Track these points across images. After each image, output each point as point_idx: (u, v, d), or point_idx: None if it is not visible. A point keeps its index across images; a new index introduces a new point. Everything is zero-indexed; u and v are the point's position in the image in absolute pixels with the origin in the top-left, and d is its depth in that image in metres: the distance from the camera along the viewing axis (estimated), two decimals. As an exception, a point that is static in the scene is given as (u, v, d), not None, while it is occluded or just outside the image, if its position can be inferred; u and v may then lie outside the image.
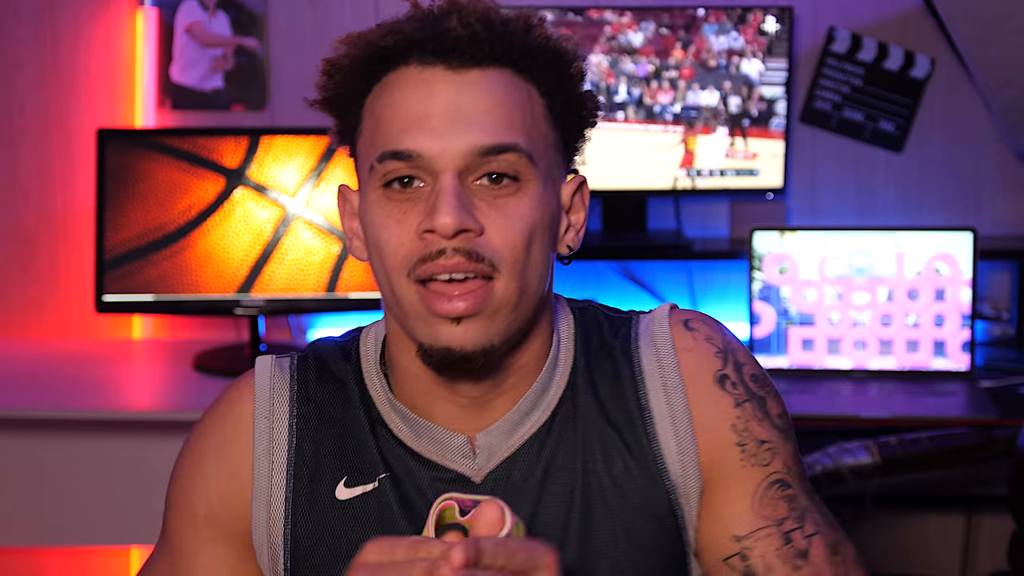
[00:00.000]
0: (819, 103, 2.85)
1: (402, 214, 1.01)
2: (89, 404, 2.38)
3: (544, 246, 1.04)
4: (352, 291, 2.60)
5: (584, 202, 1.11)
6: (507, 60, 1.02)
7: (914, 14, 2.81)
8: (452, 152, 1.00)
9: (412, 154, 1.00)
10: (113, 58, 2.84)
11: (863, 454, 2.25)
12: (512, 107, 1.02)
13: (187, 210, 2.59)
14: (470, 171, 1.01)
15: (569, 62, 1.06)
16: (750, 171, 2.76)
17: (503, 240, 1.00)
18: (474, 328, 1.00)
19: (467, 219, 0.98)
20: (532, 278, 1.03)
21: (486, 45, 1.01)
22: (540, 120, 1.04)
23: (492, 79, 1.02)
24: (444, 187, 0.99)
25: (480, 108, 1.00)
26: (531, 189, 1.02)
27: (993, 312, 2.82)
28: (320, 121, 1.16)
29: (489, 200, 1.01)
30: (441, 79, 1.01)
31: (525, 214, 1.01)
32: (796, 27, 2.78)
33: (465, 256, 0.99)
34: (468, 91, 1.01)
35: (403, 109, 1.02)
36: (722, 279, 2.85)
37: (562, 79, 1.06)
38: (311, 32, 2.85)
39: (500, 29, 1.02)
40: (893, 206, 2.88)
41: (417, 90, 1.02)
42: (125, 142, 2.61)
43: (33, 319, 2.88)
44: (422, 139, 1.00)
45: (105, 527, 2.48)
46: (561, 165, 1.08)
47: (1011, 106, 2.64)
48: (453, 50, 1.01)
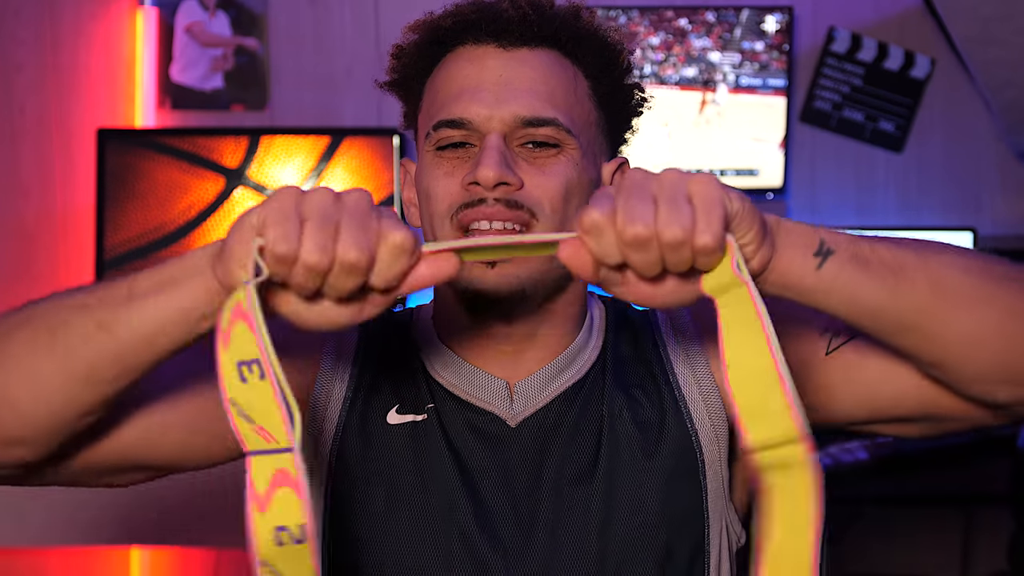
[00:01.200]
0: (819, 103, 2.85)
1: (451, 168, 1.10)
2: (89, 404, 2.37)
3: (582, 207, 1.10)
4: (352, 291, 2.60)
5: None
6: (555, 42, 1.11)
7: (914, 14, 2.81)
8: (498, 118, 1.08)
9: (463, 121, 1.09)
10: (113, 58, 2.84)
11: (863, 454, 2.25)
12: (556, 84, 1.10)
13: (187, 210, 2.59)
14: (514, 136, 1.09)
15: (615, 50, 1.14)
16: (750, 171, 2.76)
17: (542, 192, 1.08)
18: (507, 272, 1.07)
19: (507, 173, 1.06)
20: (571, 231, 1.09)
21: (535, 26, 1.10)
22: (584, 99, 1.12)
23: (540, 57, 1.10)
24: (488, 144, 1.07)
25: (526, 82, 1.09)
26: (570, 154, 1.10)
27: (993, 312, 2.82)
28: (320, 121, 1.18)
29: (530, 160, 1.09)
30: (493, 55, 1.10)
31: (563, 171, 1.09)
32: (796, 27, 2.78)
33: (505, 205, 1.07)
34: (516, 67, 1.10)
35: (457, 82, 1.11)
36: (722, 279, 2.85)
37: (608, 65, 1.14)
38: (311, 32, 2.85)
39: (550, 13, 1.11)
40: (893, 206, 2.88)
41: (470, 64, 1.11)
42: (125, 142, 2.61)
43: (33, 319, 2.88)
44: (473, 107, 1.08)
45: (105, 527, 2.48)
46: (604, 145, 1.16)
47: (1011, 106, 2.65)
48: (505, 30, 1.10)
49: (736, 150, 2.77)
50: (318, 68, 2.84)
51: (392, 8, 2.82)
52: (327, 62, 2.84)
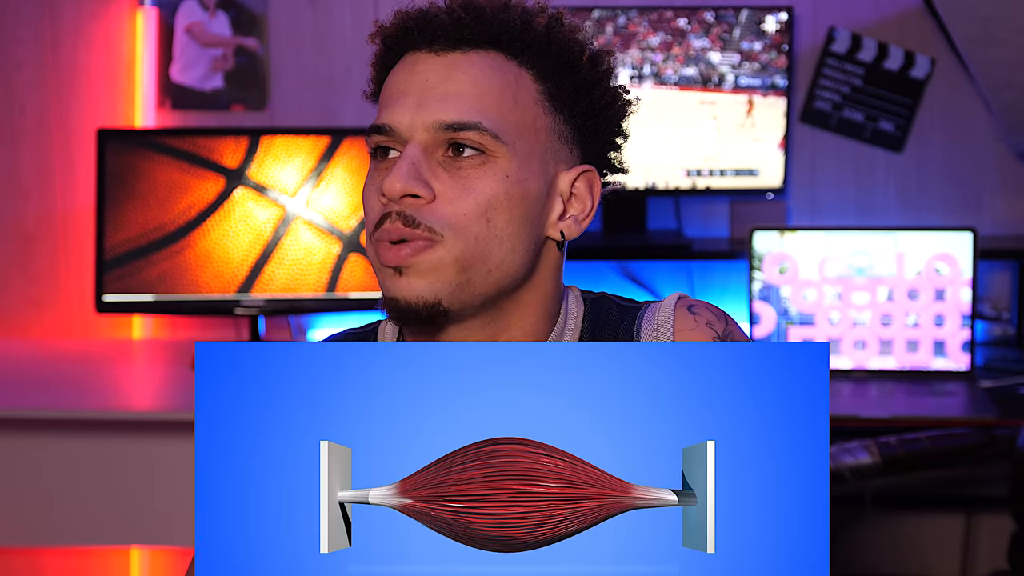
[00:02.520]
0: (819, 103, 2.85)
1: (380, 180, 1.08)
2: (89, 404, 2.38)
3: (514, 222, 1.07)
4: (352, 291, 2.60)
5: (592, 192, 1.13)
6: (495, 44, 1.08)
7: (914, 14, 2.81)
8: (419, 125, 1.06)
9: (386, 127, 1.08)
10: (113, 58, 2.84)
11: (863, 454, 2.25)
12: (487, 87, 1.06)
13: (187, 210, 2.59)
14: (436, 144, 1.06)
15: (575, 50, 1.10)
16: (750, 171, 2.76)
17: (453, 210, 1.05)
18: (417, 282, 1.05)
19: (414, 184, 1.04)
20: (493, 249, 1.06)
21: (466, 30, 1.07)
22: (528, 103, 1.08)
23: (472, 60, 1.07)
24: (403, 155, 1.06)
25: (453, 88, 1.06)
26: (499, 165, 1.06)
27: (993, 312, 2.83)
28: (320, 121, 1.19)
29: (452, 171, 1.06)
30: (424, 60, 1.08)
31: (485, 186, 1.05)
32: (796, 27, 2.78)
33: (402, 220, 1.05)
34: (445, 71, 1.07)
35: (389, 88, 1.10)
36: (722, 279, 2.85)
37: (565, 66, 1.09)
38: (311, 32, 2.85)
39: (488, 15, 1.07)
40: (893, 206, 2.88)
41: (403, 71, 1.09)
42: (125, 142, 2.61)
43: (33, 319, 2.88)
44: (396, 112, 1.07)
45: (105, 527, 2.48)
46: (561, 151, 1.11)
47: (1011, 106, 2.65)
48: (438, 35, 1.08)
49: (736, 150, 2.77)
50: (318, 68, 2.85)
51: (392, 8, 2.81)
52: (327, 62, 2.85)
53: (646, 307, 1.18)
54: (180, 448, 2.39)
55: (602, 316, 1.17)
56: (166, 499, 2.42)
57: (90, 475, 2.44)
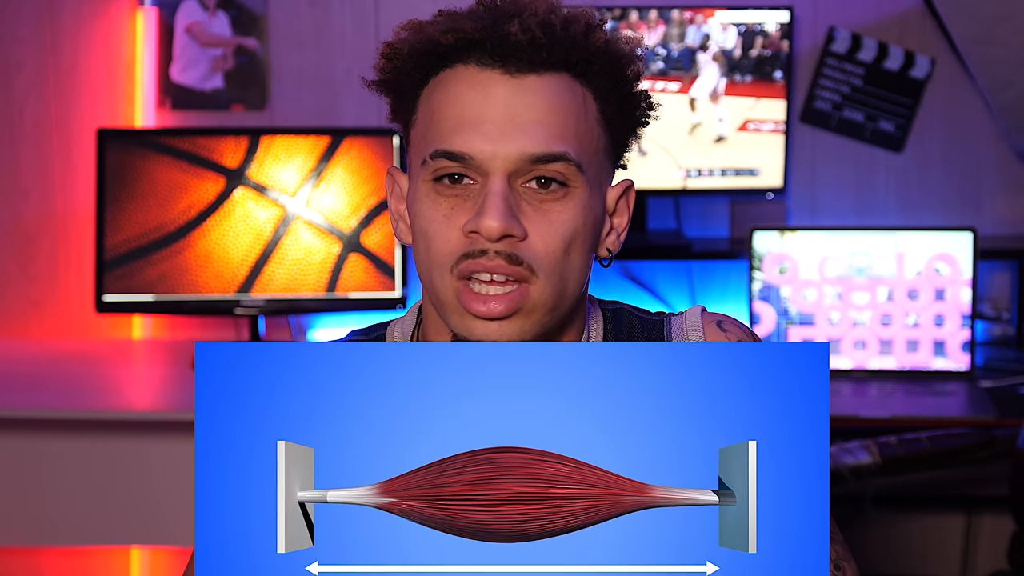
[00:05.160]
0: (819, 103, 2.85)
1: (450, 209, 1.03)
2: (89, 404, 2.38)
3: (584, 251, 1.06)
4: (352, 291, 2.60)
5: (629, 206, 1.13)
6: (565, 65, 1.04)
7: (914, 14, 2.81)
8: (503, 156, 1.01)
9: (465, 156, 1.02)
10: (113, 58, 2.84)
11: (863, 454, 2.25)
12: (567, 115, 1.03)
13: (187, 210, 2.59)
14: (519, 174, 1.02)
15: (626, 65, 1.07)
16: (750, 171, 2.76)
17: (544, 246, 1.02)
18: (509, 328, 1.03)
19: (512, 225, 1.01)
20: (569, 282, 1.05)
21: (544, 51, 1.02)
22: (593, 125, 1.06)
23: (549, 85, 1.03)
24: (493, 190, 1.01)
25: (534, 115, 1.02)
26: (577, 196, 1.04)
27: (993, 312, 2.83)
28: (320, 121, 1.17)
29: (535, 204, 1.03)
30: (498, 82, 1.03)
31: (568, 219, 1.03)
32: (796, 27, 2.78)
33: (506, 259, 1.01)
34: (524, 96, 1.02)
35: (458, 109, 1.03)
36: (722, 279, 2.85)
37: (617, 82, 1.07)
38: (311, 32, 2.85)
39: (560, 35, 1.03)
40: (893, 206, 2.88)
41: (473, 90, 1.03)
42: (125, 142, 2.61)
43: (33, 319, 2.88)
44: (476, 141, 1.02)
45: (105, 527, 2.48)
46: (609, 168, 1.10)
47: (1011, 106, 2.65)
48: (512, 55, 1.02)
49: (736, 150, 2.77)
50: (318, 68, 2.85)
51: (392, 8, 2.82)
52: (327, 62, 2.85)
53: (668, 320, 1.17)
54: (180, 448, 2.39)
55: (624, 329, 1.16)
56: (166, 499, 2.42)
57: (90, 475, 2.44)
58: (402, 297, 2.61)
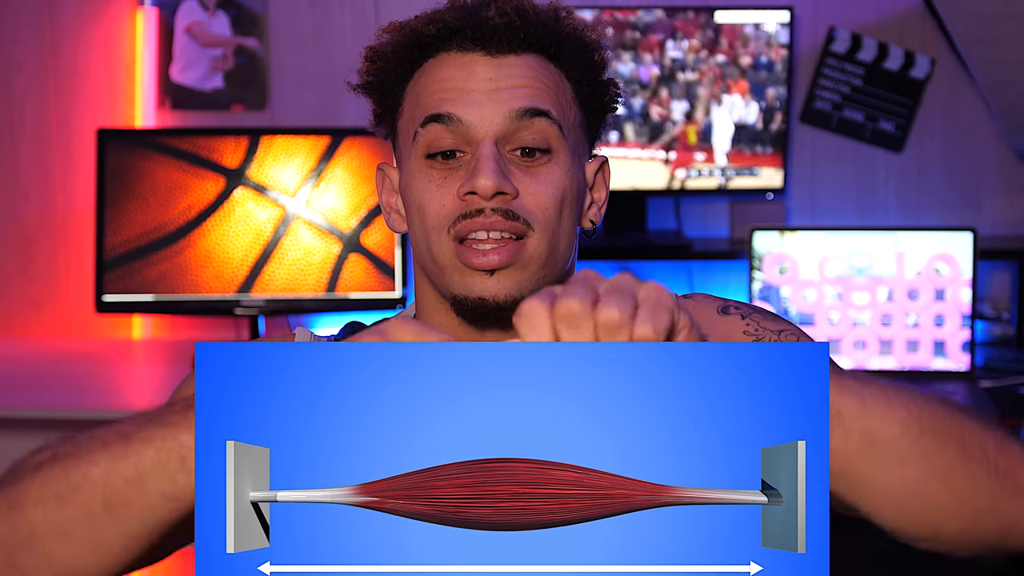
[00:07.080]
0: (819, 103, 2.85)
1: (443, 179, 1.09)
2: (89, 404, 2.38)
3: (572, 215, 1.12)
4: (352, 291, 2.60)
5: (606, 181, 1.20)
6: (539, 47, 1.11)
7: (914, 14, 2.82)
8: (491, 118, 1.08)
9: (454, 117, 1.08)
10: (113, 58, 2.84)
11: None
12: (546, 84, 1.10)
13: (187, 210, 2.59)
14: (507, 139, 1.08)
15: (594, 51, 1.14)
16: (750, 171, 2.76)
17: (536, 202, 1.08)
18: (506, 279, 1.08)
19: (504, 182, 1.06)
20: (561, 241, 1.11)
21: (520, 33, 1.09)
22: (570, 101, 1.13)
23: (527, 62, 1.10)
24: (484, 153, 1.07)
25: (517, 82, 1.09)
26: (561, 160, 1.10)
27: (993, 312, 2.83)
28: (320, 121, 1.18)
29: (523, 168, 1.09)
30: (480, 62, 1.10)
31: (556, 180, 1.09)
32: (796, 27, 2.78)
33: (502, 215, 1.06)
34: (505, 70, 1.09)
35: (445, 83, 1.10)
36: (722, 279, 2.85)
37: (587, 66, 1.14)
38: (311, 32, 2.85)
39: (533, 19, 1.10)
40: (893, 206, 2.88)
41: (457, 69, 1.10)
42: (125, 142, 2.62)
43: (33, 319, 2.88)
44: (463, 106, 1.08)
45: (105, 527, 2.47)
46: (586, 145, 1.17)
47: (1011, 106, 2.65)
48: (491, 38, 1.09)
49: (736, 150, 2.77)
50: (318, 68, 2.85)
51: (392, 8, 2.82)
52: (327, 62, 2.85)
53: None
54: (180, 448, 2.38)
55: None
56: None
57: (90, 475, 2.44)
58: (402, 297, 2.61)
